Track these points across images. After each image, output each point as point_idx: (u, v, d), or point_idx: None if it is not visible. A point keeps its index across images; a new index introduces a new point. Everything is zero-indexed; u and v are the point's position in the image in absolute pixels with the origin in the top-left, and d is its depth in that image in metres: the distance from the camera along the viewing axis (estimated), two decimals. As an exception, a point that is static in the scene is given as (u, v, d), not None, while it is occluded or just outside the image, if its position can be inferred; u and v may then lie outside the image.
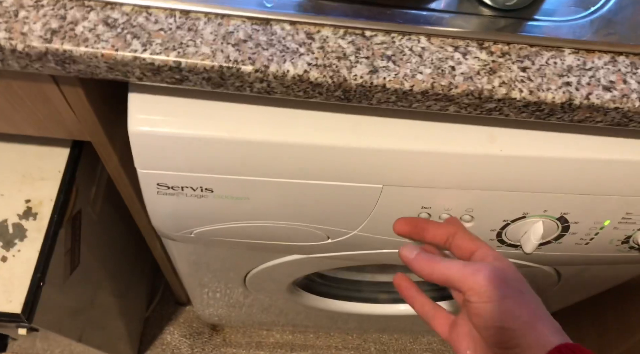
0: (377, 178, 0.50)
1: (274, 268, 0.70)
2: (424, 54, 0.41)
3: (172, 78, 0.40)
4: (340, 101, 0.42)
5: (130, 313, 1.10)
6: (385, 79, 0.40)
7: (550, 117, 0.42)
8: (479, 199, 0.52)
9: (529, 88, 0.40)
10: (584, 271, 0.72)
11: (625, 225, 0.55)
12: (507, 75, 0.40)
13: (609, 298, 0.99)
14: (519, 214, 0.53)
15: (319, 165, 0.48)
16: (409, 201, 0.52)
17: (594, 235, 0.57)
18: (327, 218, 0.55)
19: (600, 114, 0.41)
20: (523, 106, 0.41)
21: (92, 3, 0.40)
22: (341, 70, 0.40)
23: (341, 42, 0.41)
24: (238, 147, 0.46)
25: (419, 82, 0.40)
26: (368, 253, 0.62)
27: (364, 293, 0.92)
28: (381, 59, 0.40)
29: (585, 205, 0.52)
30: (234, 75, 0.40)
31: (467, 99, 0.41)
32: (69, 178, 0.62)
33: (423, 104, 0.42)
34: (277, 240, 0.59)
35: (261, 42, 0.40)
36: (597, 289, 0.85)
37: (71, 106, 0.48)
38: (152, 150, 0.46)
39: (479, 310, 0.41)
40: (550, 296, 0.86)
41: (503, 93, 0.40)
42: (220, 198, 0.51)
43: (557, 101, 0.40)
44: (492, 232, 0.56)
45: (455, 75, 0.40)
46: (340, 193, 0.51)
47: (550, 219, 0.54)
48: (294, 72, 0.39)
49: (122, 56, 0.38)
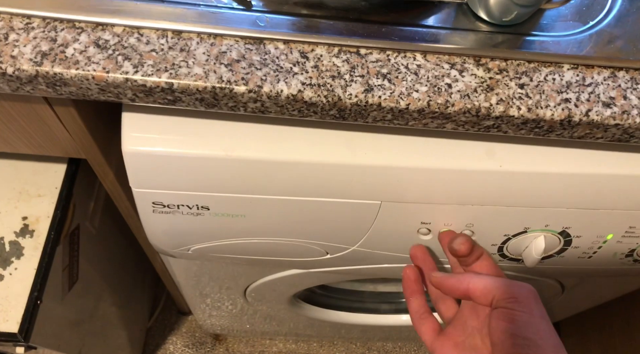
0: (375, 194, 0.49)
1: (274, 281, 0.70)
2: (419, 72, 0.40)
3: (164, 99, 0.40)
4: (336, 120, 0.41)
5: (132, 323, 1.10)
6: (381, 98, 0.39)
7: (550, 134, 0.42)
8: (479, 214, 0.51)
9: (527, 105, 0.39)
10: (588, 282, 0.71)
11: (628, 239, 0.54)
12: (504, 93, 0.40)
13: (615, 308, 0.98)
14: (520, 228, 0.52)
15: (316, 182, 0.47)
16: (408, 216, 0.51)
17: (597, 249, 0.56)
18: (326, 234, 0.54)
19: (600, 130, 0.41)
20: (521, 123, 0.40)
21: (82, 24, 0.39)
22: (336, 89, 0.39)
23: (336, 61, 0.40)
24: (233, 166, 0.46)
25: (414, 100, 0.39)
26: (368, 268, 0.62)
27: (366, 303, 0.92)
28: (376, 77, 0.40)
29: (587, 219, 0.51)
30: (227, 95, 0.39)
31: (464, 117, 0.40)
32: (66, 194, 0.61)
33: (419, 122, 0.41)
34: (276, 256, 0.59)
35: (254, 62, 0.39)
36: (602, 299, 0.84)
37: (65, 126, 0.48)
38: (146, 169, 0.46)
39: (517, 317, 0.42)
40: (555, 305, 0.85)
41: (501, 111, 0.39)
42: (217, 216, 0.51)
43: (556, 118, 0.39)
44: (493, 246, 0.55)
45: (452, 93, 0.39)
46: (338, 210, 0.50)
47: (552, 233, 0.53)
48: (288, 92, 0.39)
49: (114, 78, 0.38)
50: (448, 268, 0.55)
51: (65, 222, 0.61)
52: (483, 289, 0.45)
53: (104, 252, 0.83)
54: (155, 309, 1.24)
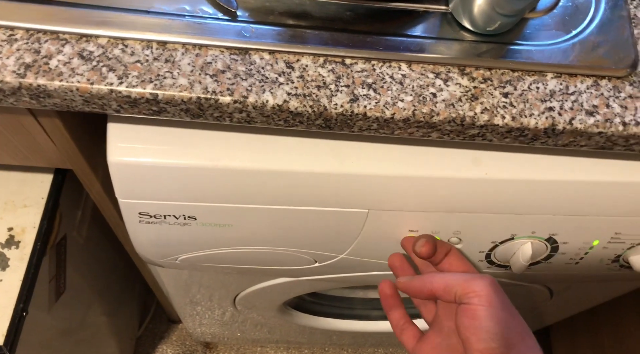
0: (362, 203, 0.49)
1: (264, 289, 0.70)
2: (404, 81, 0.40)
3: (149, 110, 0.40)
4: (322, 129, 0.41)
5: (122, 332, 1.09)
6: (366, 108, 0.39)
7: (535, 142, 0.42)
8: (466, 222, 0.51)
9: (512, 114, 0.40)
10: (576, 287, 0.71)
11: (614, 244, 0.54)
12: (489, 102, 0.40)
13: (604, 312, 0.98)
14: (507, 235, 0.53)
15: (303, 191, 0.47)
16: (395, 224, 0.52)
17: (583, 255, 0.56)
18: (314, 243, 0.54)
19: (584, 138, 0.41)
20: (506, 131, 0.40)
21: (67, 36, 0.39)
22: (321, 99, 0.39)
23: (321, 71, 0.40)
24: (220, 176, 0.45)
25: (400, 110, 0.39)
26: (357, 275, 0.62)
27: (356, 310, 0.91)
28: (362, 87, 0.40)
29: (573, 226, 0.51)
30: (212, 106, 0.39)
31: (449, 126, 0.40)
32: (52, 204, 0.61)
33: (405, 131, 0.41)
34: (264, 265, 0.59)
35: (240, 73, 0.39)
36: (591, 303, 0.84)
37: (50, 136, 0.47)
38: (132, 180, 0.46)
39: (477, 312, 0.41)
40: (544, 310, 0.86)
41: (485, 120, 0.40)
42: (204, 226, 0.50)
43: (540, 127, 0.40)
44: (480, 253, 0.55)
45: (437, 102, 0.40)
46: (325, 218, 0.50)
47: (539, 240, 0.53)
48: (273, 102, 0.39)
49: (98, 89, 0.38)
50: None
51: (51, 233, 0.61)
52: (445, 287, 0.44)
53: (92, 261, 0.82)
54: (146, 318, 1.23)
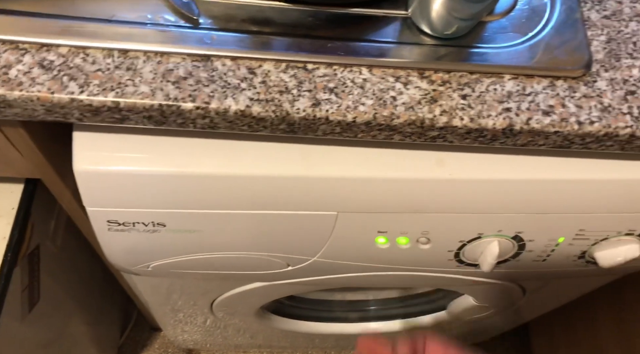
0: (330, 206, 0.50)
1: (240, 295, 0.70)
2: (365, 86, 0.41)
3: (112, 118, 0.40)
4: (286, 133, 0.42)
5: (104, 341, 1.08)
6: (328, 112, 0.40)
7: (494, 142, 0.43)
8: (433, 222, 0.52)
9: (470, 115, 0.41)
10: (548, 285, 0.72)
11: (579, 241, 0.55)
12: (447, 104, 0.41)
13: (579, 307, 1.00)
14: (474, 234, 0.54)
15: (271, 195, 0.48)
16: (364, 226, 0.52)
17: (550, 252, 0.57)
18: (285, 247, 0.54)
19: (541, 138, 0.42)
20: (465, 132, 0.41)
21: (26, 46, 0.39)
22: (284, 104, 0.40)
23: (283, 76, 0.41)
24: (187, 182, 0.46)
25: (361, 113, 0.40)
26: (331, 278, 0.62)
27: (335, 312, 0.92)
28: (323, 91, 0.40)
29: (538, 224, 0.52)
30: (174, 112, 0.39)
31: (410, 128, 0.41)
32: (24, 215, 0.61)
33: (368, 134, 0.42)
34: (237, 270, 0.59)
35: (202, 79, 0.40)
36: (565, 299, 0.86)
37: (15, 146, 0.47)
38: (99, 188, 0.46)
39: None
40: (520, 307, 0.87)
41: (444, 121, 0.40)
42: (173, 232, 0.51)
43: (498, 127, 0.41)
44: (449, 253, 0.56)
45: (397, 106, 0.40)
46: (295, 222, 0.51)
47: (506, 238, 0.54)
48: (235, 107, 0.39)
49: (59, 99, 0.38)
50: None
51: (22, 243, 0.61)
52: None
53: (69, 270, 0.82)
54: (127, 326, 1.22)
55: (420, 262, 0.58)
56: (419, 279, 0.64)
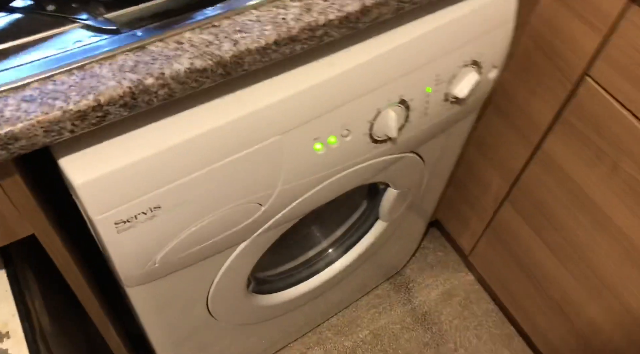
0: (271, 131, 0.63)
1: (227, 272, 0.79)
2: (261, 19, 0.56)
3: (96, 117, 0.50)
4: (224, 78, 0.55)
5: None
6: (247, 44, 0.54)
7: (358, 24, 0.60)
8: (347, 113, 0.68)
9: (336, 8, 0.57)
10: (435, 145, 0.93)
11: (439, 86, 0.76)
12: (319, 7, 0.57)
13: (461, 168, 1.24)
14: (374, 111, 0.71)
15: (227, 141, 0.60)
16: (305, 137, 0.66)
17: (426, 104, 0.76)
18: (250, 186, 0.66)
19: (385, 8, 0.60)
20: (338, 23, 0.58)
21: (3, 94, 0.48)
22: (214, 51, 0.53)
23: (202, 36, 0.54)
24: (162, 157, 0.56)
25: (268, 36, 0.55)
26: (303, 201, 0.74)
27: (306, 270, 1.04)
28: (235, 33, 0.54)
29: (409, 82, 0.71)
30: (141, 91, 0.50)
31: (304, 34, 0.56)
32: (19, 291, 0.64)
33: (278, 52, 0.57)
34: (224, 230, 0.69)
35: (147, 61, 0.51)
36: (453, 156, 1.07)
37: (11, 199, 0.54)
38: (99, 193, 0.54)
39: None
40: (427, 183, 1.07)
41: (323, 19, 0.57)
42: (169, 212, 0.60)
43: (357, 9, 0.58)
44: (365, 135, 0.73)
45: (288, 22, 0.56)
46: (250, 159, 0.63)
47: (396, 105, 0.72)
48: (183, 68, 0.51)
49: (54, 115, 0.47)
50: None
51: (30, 313, 0.64)
52: None
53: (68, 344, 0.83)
54: None
55: (350, 155, 0.74)
56: (355, 175, 0.79)
